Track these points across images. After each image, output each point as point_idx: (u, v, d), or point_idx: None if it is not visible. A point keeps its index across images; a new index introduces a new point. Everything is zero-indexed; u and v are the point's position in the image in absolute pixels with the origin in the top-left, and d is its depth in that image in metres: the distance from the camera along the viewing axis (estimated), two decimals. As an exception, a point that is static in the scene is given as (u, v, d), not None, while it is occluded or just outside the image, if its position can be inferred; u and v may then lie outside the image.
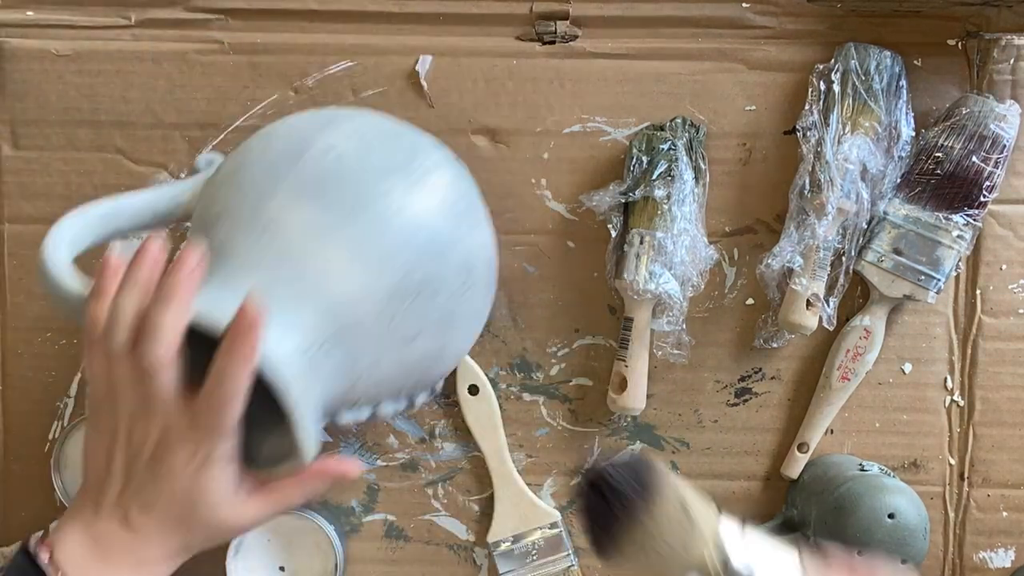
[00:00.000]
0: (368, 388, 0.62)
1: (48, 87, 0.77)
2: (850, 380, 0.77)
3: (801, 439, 0.78)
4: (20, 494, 0.79)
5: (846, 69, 0.74)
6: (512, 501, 0.78)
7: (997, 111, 0.74)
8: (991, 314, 0.78)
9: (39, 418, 0.79)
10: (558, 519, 0.78)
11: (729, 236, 0.78)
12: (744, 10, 0.77)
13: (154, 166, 0.78)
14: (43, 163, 0.78)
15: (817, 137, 0.74)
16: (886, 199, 0.75)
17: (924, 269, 0.75)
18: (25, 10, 0.77)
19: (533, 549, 0.78)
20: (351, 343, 0.59)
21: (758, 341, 0.78)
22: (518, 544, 0.78)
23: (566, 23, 0.77)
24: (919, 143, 0.76)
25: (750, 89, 0.77)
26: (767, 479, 0.79)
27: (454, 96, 0.77)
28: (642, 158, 0.74)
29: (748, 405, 0.79)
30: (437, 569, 0.80)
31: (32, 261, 0.77)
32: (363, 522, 0.80)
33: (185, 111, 0.77)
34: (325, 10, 0.77)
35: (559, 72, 0.77)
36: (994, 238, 0.78)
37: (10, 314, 0.78)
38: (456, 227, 0.62)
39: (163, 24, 0.77)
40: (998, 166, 0.74)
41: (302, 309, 0.57)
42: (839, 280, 0.75)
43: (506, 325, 0.78)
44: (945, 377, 0.79)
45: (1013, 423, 0.79)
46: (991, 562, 0.79)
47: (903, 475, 0.78)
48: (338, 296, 0.58)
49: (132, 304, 0.55)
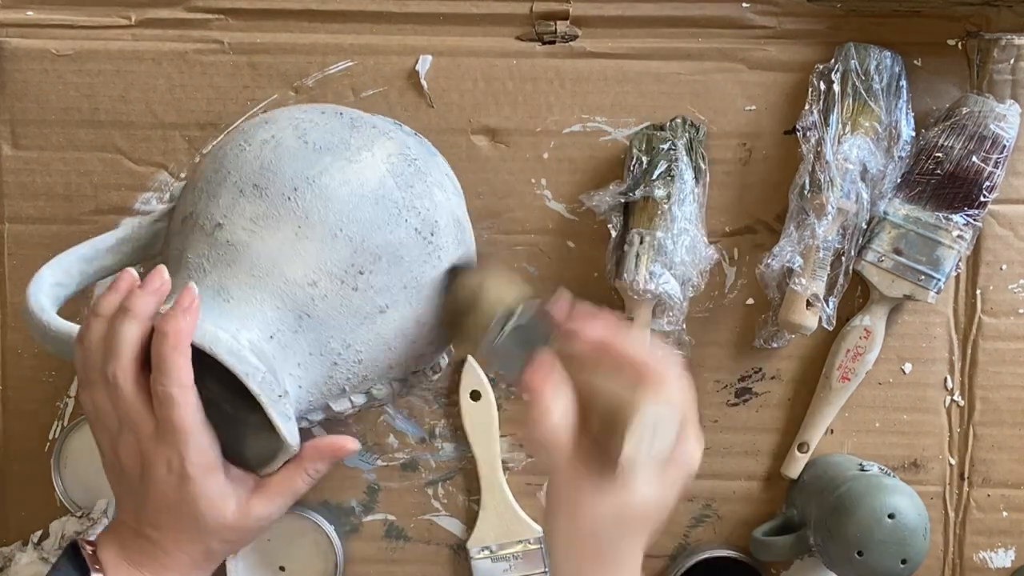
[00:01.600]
0: (352, 369, 0.62)
1: (48, 87, 0.77)
2: (850, 380, 0.77)
3: (801, 439, 0.78)
4: (20, 494, 0.79)
5: (846, 69, 0.74)
6: (497, 511, 0.78)
7: (997, 111, 0.74)
8: (991, 314, 0.78)
9: (39, 418, 0.79)
10: (540, 536, 0.78)
11: (729, 236, 0.78)
12: (744, 10, 0.77)
13: (154, 166, 0.78)
14: (43, 163, 0.78)
15: (817, 137, 0.74)
16: (886, 199, 0.75)
17: (924, 269, 0.75)
18: (25, 10, 0.77)
19: (510, 560, 0.78)
20: (317, 323, 0.60)
21: (758, 341, 0.78)
22: (496, 554, 0.78)
23: (566, 23, 0.77)
24: (919, 143, 0.76)
25: (750, 89, 0.77)
26: (767, 479, 0.79)
27: (454, 96, 0.77)
28: (642, 158, 0.74)
29: (748, 405, 0.79)
30: (437, 569, 0.80)
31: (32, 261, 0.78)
32: (363, 522, 0.80)
33: (185, 111, 0.77)
34: (325, 10, 0.77)
35: (559, 72, 0.77)
36: (994, 238, 0.78)
37: (10, 314, 0.78)
38: (407, 192, 0.62)
39: (163, 24, 0.77)
40: (998, 166, 0.74)
41: (259, 298, 0.59)
42: (839, 280, 0.75)
43: (506, 325, 0.78)
44: (945, 377, 0.79)
45: (1013, 423, 0.79)
46: (991, 562, 0.79)
47: (903, 475, 0.78)
48: (292, 278, 0.59)
49: (100, 330, 0.57)
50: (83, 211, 0.78)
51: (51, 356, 0.78)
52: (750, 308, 0.78)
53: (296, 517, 0.76)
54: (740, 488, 0.79)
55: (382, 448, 0.79)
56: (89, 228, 0.78)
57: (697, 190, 0.75)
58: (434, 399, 0.79)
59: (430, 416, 0.79)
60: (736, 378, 0.79)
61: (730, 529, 0.79)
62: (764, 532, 0.76)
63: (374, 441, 0.79)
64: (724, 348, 0.79)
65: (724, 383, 0.79)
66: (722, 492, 0.79)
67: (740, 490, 0.79)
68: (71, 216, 0.78)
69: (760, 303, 0.78)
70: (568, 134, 0.78)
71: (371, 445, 0.79)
